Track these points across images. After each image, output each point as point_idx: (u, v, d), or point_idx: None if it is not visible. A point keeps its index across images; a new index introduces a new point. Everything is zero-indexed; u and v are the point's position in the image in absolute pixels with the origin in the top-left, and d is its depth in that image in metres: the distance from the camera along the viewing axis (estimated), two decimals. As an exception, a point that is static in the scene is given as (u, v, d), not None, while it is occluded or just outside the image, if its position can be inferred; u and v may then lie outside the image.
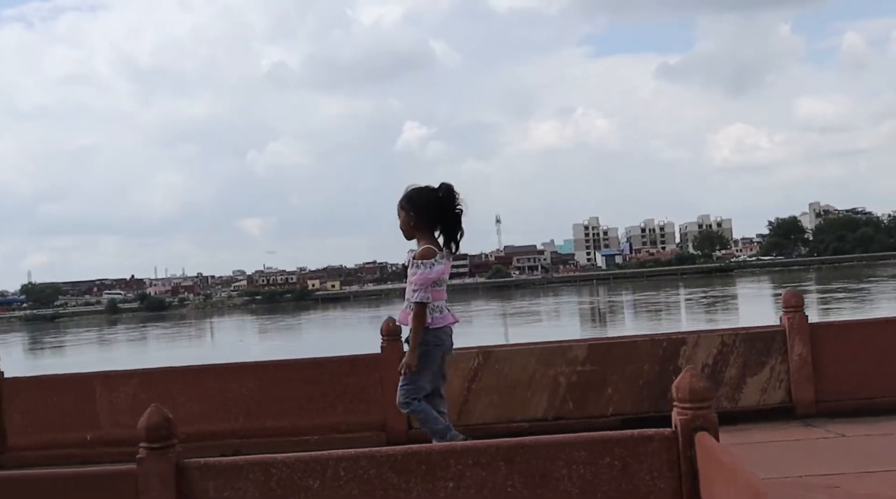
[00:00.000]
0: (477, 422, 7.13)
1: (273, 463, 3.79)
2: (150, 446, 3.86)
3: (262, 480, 3.77)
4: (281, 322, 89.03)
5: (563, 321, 62.60)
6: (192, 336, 77.05)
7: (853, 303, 54.06)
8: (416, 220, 5.39)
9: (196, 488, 3.81)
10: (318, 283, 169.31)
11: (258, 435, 7.14)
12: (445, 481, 3.70)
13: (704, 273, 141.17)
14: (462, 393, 7.25)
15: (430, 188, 5.43)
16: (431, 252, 5.31)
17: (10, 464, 7.30)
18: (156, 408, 3.93)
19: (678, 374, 6.94)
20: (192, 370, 7.97)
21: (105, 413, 7.56)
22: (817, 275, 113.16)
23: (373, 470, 3.73)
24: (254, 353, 46.49)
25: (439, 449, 3.84)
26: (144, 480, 3.82)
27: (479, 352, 7.40)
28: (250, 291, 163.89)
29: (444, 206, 5.38)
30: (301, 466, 3.77)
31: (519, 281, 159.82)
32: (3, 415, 7.61)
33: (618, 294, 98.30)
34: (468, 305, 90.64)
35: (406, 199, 5.42)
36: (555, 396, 7.23)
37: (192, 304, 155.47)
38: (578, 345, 7.43)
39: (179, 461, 3.85)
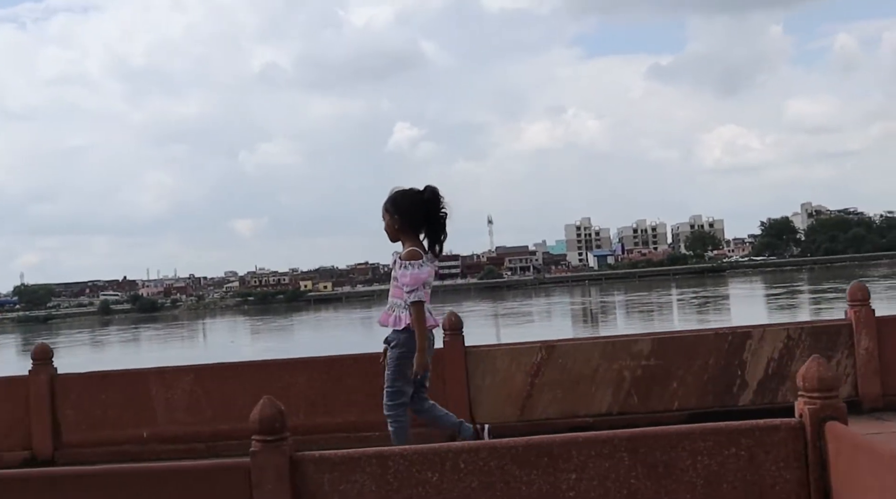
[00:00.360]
0: (540, 417, 7.08)
1: (390, 455, 3.71)
2: (265, 439, 3.72)
3: (378, 472, 3.68)
4: (273, 323, 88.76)
5: (555, 322, 62.62)
6: (185, 337, 76.73)
7: (843, 303, 53.91)
8: (400, 222, 5.42)
9: (310, 482, 3.71)
10: (310, 284, 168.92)
11: (321, 431, 7.03)
12: (567, 472, 3.63)
13: (696, 273, 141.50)
14: (525, 388, 7.18)
15: (414, 191, 5.46)
16: (417, 254, 5.34)
17: (63, 461, 7.23)
18: (269, 400, 3.80)
19: (743, 368, 7.02)
20: (250, 365, 7.90)
21: (161, 410, 7.46)
22: (809, 275, 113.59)
23: (493, 462, 3.64)
24: (245, 353, 46.39)
25: (560, 440, 3.71)
26: (259, 473, 3.69)
27: (543, 346, 7.30)
28: (242, 293, 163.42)
29: (428, 209, 5.40)
30: (419, 458, 3.69)
31: (511, 282, 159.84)
32: (57, 412, 7.52)
33: (610, 295, 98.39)
34: (460, 306, 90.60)
35: (391, 201, 5.46)
36: (619, 390, 7.14)
37: (184, 305, 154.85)
38: (643, 339, 7.34)
39: (293, 454, 3.74)
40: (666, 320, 54.93)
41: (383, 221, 5.49)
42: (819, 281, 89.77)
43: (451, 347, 7.13)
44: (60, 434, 7.52)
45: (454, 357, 7.16)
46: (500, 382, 7.21)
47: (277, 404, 3.80)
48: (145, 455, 7.06)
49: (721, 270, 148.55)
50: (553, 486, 3.62)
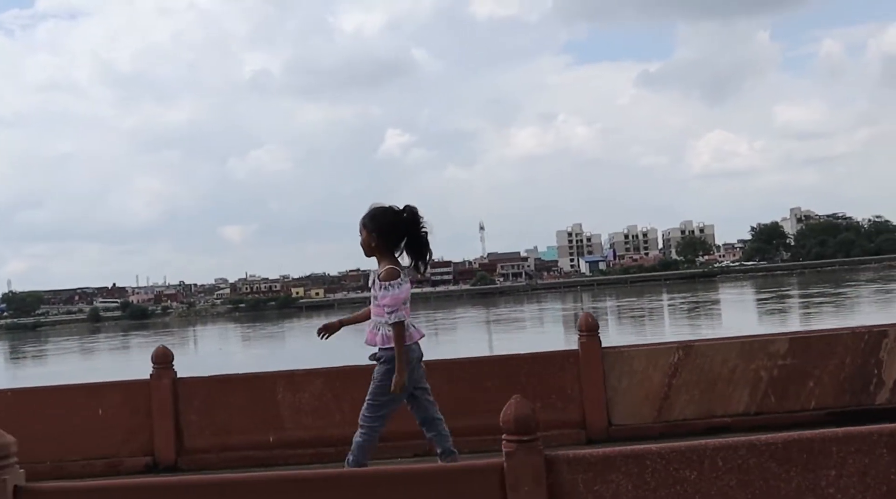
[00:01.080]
0: (677, 418, 7.14)
1: (647, 454, 3.67)
2: (520, 439, 3.70)
3: (635, 472, 3.64)
4: (262, 331, 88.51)
5: (547, 328, 62.61)
6: (175, 345, 76.31)
7: (832, 307, 54.41)
8: (377, 240, 5.44)
9: (565, 483, 3.68)
10: (301, 290, 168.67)
11: (461, 434, 6.87)
12: (827, 468, 3.60)
13: (688, 279, 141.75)
14: (662, 389, 7.22)
15: (394, 210, 5.47)
16: (395, 273, 5.36)
17: (187, 466, 7.22)
18: (520, 399, 3.78)
19: (880, 367, 7.13)
20: None
21: (288, 414, 7.37)
22: (799, 280, 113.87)
23: (752, 460, 3.62)
24: (236, 361, 46.25)
25: (820, 436, 3.67)
26: (514, 474, 3.67)
27: (679, 347, 7.35)
28: (234, 300, 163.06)
29: (408, 228, 5.43)
30: (676, 456, 3.64)
31: (503, 288, 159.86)
32: (180, 416, 7.44)
33: (602, 300, 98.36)
34: (452, 313, 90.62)
35: (369, 218, 5.47)
36: (756, 390, 7.19)
37: (175, 312, 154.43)
38: (780, 338, 7.39)
39: (547, 455, 3.71)
40: (657, 326, 55.01)
41: (360, 235, 5.51)
42: (807, 286, 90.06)
43: (587, 348, 7.21)
44: (183, 439, 7.43)
45: (591, 358, 7.23)
46: (636, 383, 7.24)
47: (529, 403, 3.78)
48: (272, 460, 6.97)
49: (712, 275, 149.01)
50: (812, 483, 3.59)
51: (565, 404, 7.22)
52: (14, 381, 42.35)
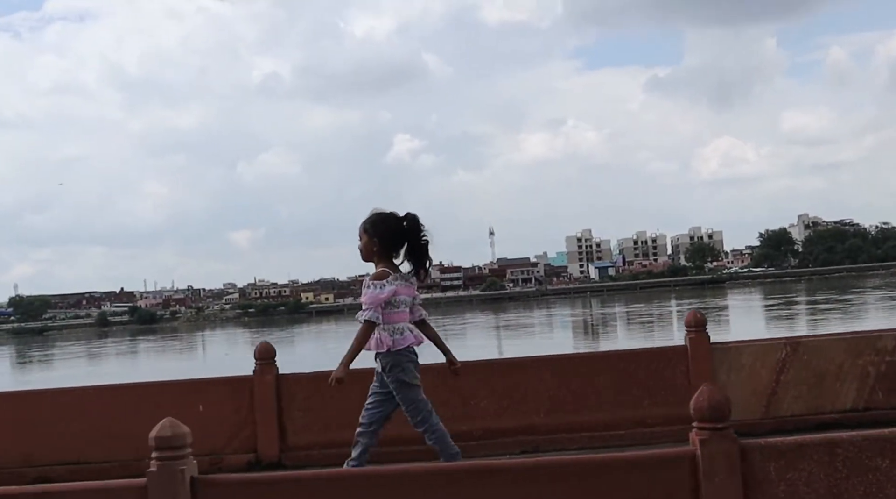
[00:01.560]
0: (785, 414, 7.19)
1: (839, 442, 3.68)
2: (714, 427, 3.72)
3: (826, 460, 3.66)
4: (270, 336, 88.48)
5: (556, 333, 62.55)
6: (184, 349, 76.49)
7: (839, 313, 54.27)
8: (378, 245, 5.45)
9: (758, 470, 3.70)
10: (311, 295, 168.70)
11: (555, 431, 7.02)
12: None
13: (697, 285, 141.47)
14: (770, 385, 7.26)
15: (395, 216, 5.49)
16: (385, 274, 5.36)
17: (291, 463, 7.16)
18: (712, 386, 3.83)
19: None
20: (481, 365, 7.71)
21: None
22: (807, 286, 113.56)
23: None
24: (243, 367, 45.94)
25: None
26: (709, 462, 3.67)
27: (787, 343, 7.39)
28: (243, 304, 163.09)
29: (408, 236, 5.45)
30: (869, 445, 3.66)
31: (513, 294, 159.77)
32: (283, 413, 7.39)
33: (611, 306, 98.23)
34: (462, 318, 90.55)
35: (370, 223, 5.48)
36: (864, 386, 7.21)
37: (183, 317, 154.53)
38: (887, 335, 7.40)
39: (741, 443, 3.72)
40: (666, 331, 54.85)
41: (359, 240, 5.52)
42: (817, 292, 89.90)
43: (696, 343, 7.27)
44: (286, 436, 7.38)
45: (700, 354, 7.27)
46: (744, 378, 7.28)
47: (724, 391, 3.82)
48: (378, 457, 6.75)
49: (721, 281, 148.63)
50: None
51: (675, 398, 7.12)
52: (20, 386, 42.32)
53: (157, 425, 3.74)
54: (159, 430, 3.71)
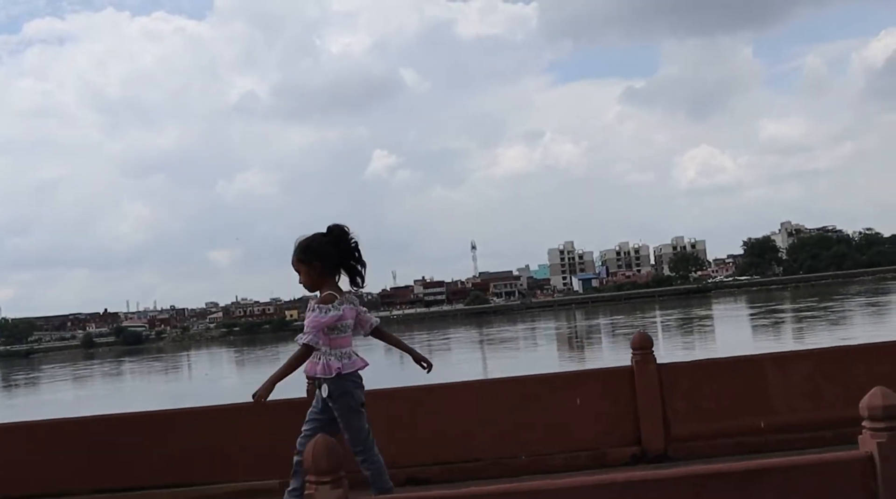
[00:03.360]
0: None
1: None
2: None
3: None
4: (251, 354, 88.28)
5: (541, 345, 62.74)
6: (170, 369, 76.21)
7: (825, 321, 54.71)
8: (320, 268, 5.31)
9: None
10: (295, 313, 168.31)
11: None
12: None
13: (682, 295, 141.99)
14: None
15: (320, 234, 5.40)
16: (331, 297, 5.24)
17: (676, 456, 6.95)
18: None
19: None
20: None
21: (779, 398, 7.15)
22: (793, 294, 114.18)
23: None
24: (224, 385, 46.08)
25: None
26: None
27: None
28: (228, 323, 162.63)
29: (340, 247, 5.35)
30: None
31: (498, 307, 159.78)
32: (665, 404, 7.15)
33: (595, 318, 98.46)
34: (446, 332, 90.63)
35: (303, 251, 5.35)
36: None
37: (169, 337, 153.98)
38: None
39: None
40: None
41: (299, 274, 5.37)
42: (803, 299, 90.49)
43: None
44: (670, 427, 7.15)
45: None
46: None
47: None
48: (765, 447, 6.69)
49: (706, 290, 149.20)
50: None
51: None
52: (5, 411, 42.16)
53: (868, 395, 3.64)
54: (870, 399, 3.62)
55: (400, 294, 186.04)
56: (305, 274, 5.35)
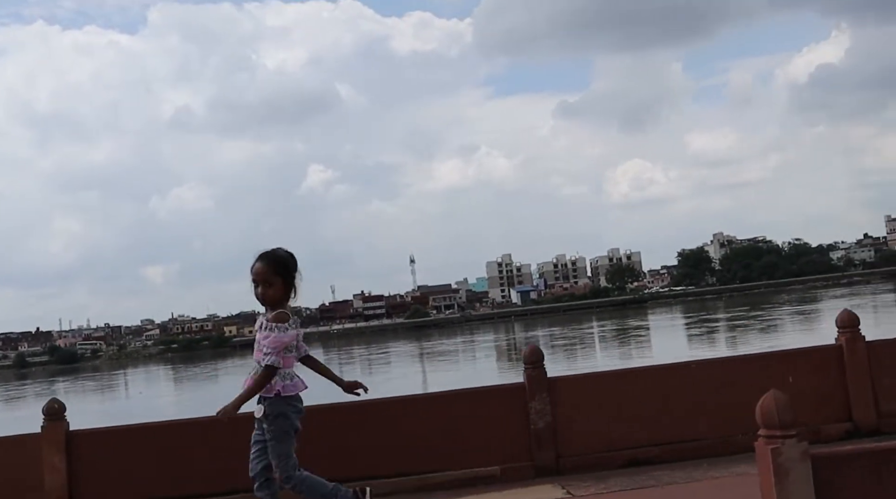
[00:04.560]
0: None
1: None
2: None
3: None
4: (187, 371, 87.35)
5: (480, 357, 63.36)
6: (105, 388, 75.03)
7: (757, 329, 56.23)
8: (284, 285, 5.14)
9: None
10: (234, 329, 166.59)
11: None
12: None
13: (620, 305, 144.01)
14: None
15: (292, 254, 5.25)
16: (286, 316, 5.08)
17: (888, 429, 7.16)
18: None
19: None
20: None
21: None
22: (726, 303, 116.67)
23: None
24: (158, 404, 45.66)
25: None
26: None
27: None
28: (165, 340, 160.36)
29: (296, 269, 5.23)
30: None
31: (438, 320, 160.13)
32: (874, 380, 7.36)
33: (534, 330, 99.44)
34: (386, 346, 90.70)
35: (281, 265, 5.14)
36: None
37: (105, 355, 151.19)
38: None
39: None
40: (589, 350, 56.24)
41: (267, 287, 5.10)
42: (731, 309, 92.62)
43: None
44: (879, 403, 7.34)
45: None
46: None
47: None
48: None
49: (643, 301, 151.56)
50: None
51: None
52: None
53: None
54: None
55: (339, 309, 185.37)
56: (277, 289, 5.11)
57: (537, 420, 7.17)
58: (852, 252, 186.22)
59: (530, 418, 7.18)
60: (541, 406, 7.18)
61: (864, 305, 69.57)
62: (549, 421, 7.17)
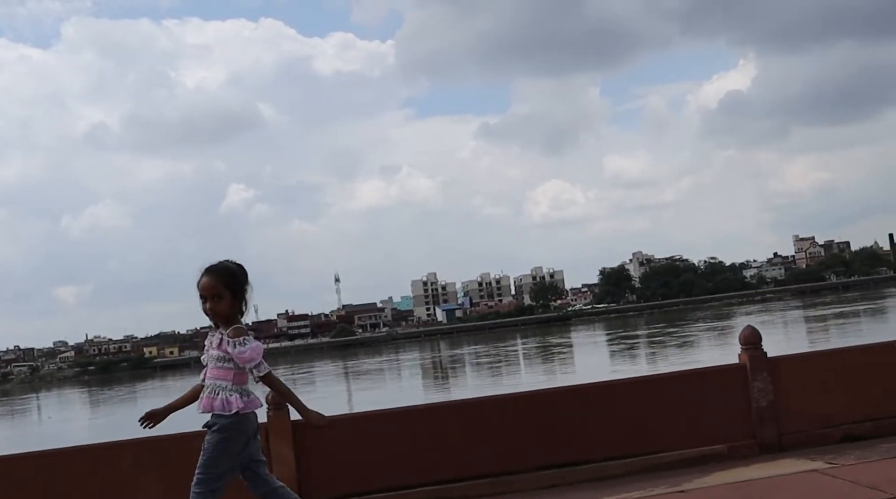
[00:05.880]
0: None
1: None
2: None
3: None
4: (111, 394, 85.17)
5: (405, 375, 63.42)
6: (16, 413, 72.65)
7: (675, 346, 57.50)
8: (234, 299, 4.86)
9: None
10: (154, 350, 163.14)
11: None
12: None
13: (544, 323, 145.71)
14: None
15: (242, 267, 4.96)
16: (244, 331, 4.81)
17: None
18: None
19: None
20: None
21: None
22: (647, 320, 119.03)
23: None
24: (66, 428, 44.44)
25: None
26: None
27: None
28: (81, 362, 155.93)
29: (248, 283, 4.95)
30: None
31: (364, 339, 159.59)
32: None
33: (460, 347, 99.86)
34: (312, 366, 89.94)
35: (231, 277, 4.84)
36: None
37: (17, 378, 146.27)
38: None
39: None
40: (513, 367, 56.69)
41: (216, 302, 4.80)
42: (649, 326, 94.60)
43: None
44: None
45: None
46: None
47: None
48: None
49: (567, 318, 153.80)
50: None
51: None
52: None
53: None
54: None
55: (263, 328, 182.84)
56: (227, 304, 4.81)
57: (760, 399, 7.51)
58: (764, 270, 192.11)
59: (752, 396, 7.52)
60: (762, 385, 7.52)
61: (773, 322, 72.01)
62: (771, 400, 7.51)
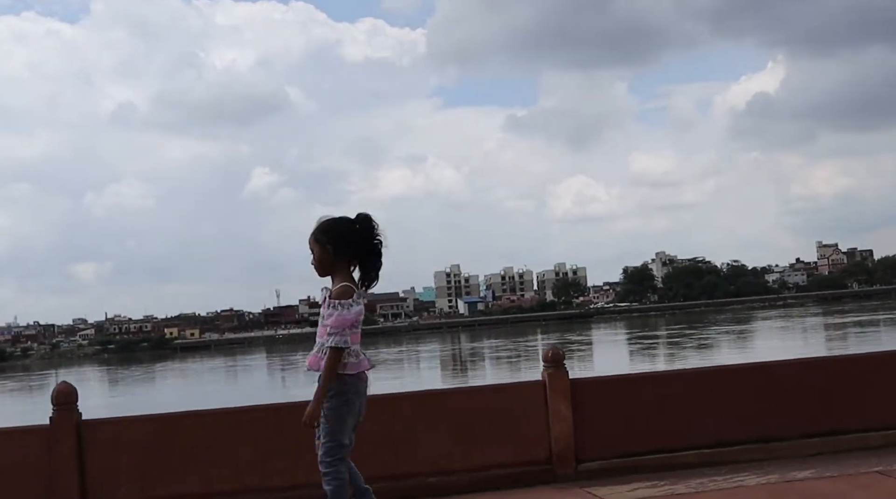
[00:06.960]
0: None
1: None
2: None
3: None
4: (124, 373, 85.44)
5: (424, 367, 63.15)
6: (35, 388, 72.94)
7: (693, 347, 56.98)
8: (334, 253, 4.87)
9: None
10: (175, 331, 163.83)
11: None
12: None
13: (566, 319, 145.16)
14: None
15: (346, 219, 4.97)
16: (349, 291, 4.83)
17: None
18: None
19: None
20: None
21: None
22: (668, 320, 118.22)
23: None
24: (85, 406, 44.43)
25: None
26: None
27: None
28: (102, 340, 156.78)
29: (362, 237, 4.93)
30: None
31: (386, 328, 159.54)
32: None
33: (480, 340, 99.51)
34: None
35: (321, 231, 4.92)
36: None
37: (36, 354, 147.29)
38: None
39: None
40: (533, 363, 56.17)
41: (311, 253, 4.94)
42: (669, 326, 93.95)
43: None
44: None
45: None
46: None
47: None
48: None
49: (589, 315, 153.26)
50: None
51: None
52: None
53: None
54: None
55: (285, 313, 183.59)
56: (318, 256, 4.93)
57: None
58: (786, 275, 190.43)
59: None
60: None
61: (793, 327, 71.15)
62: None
